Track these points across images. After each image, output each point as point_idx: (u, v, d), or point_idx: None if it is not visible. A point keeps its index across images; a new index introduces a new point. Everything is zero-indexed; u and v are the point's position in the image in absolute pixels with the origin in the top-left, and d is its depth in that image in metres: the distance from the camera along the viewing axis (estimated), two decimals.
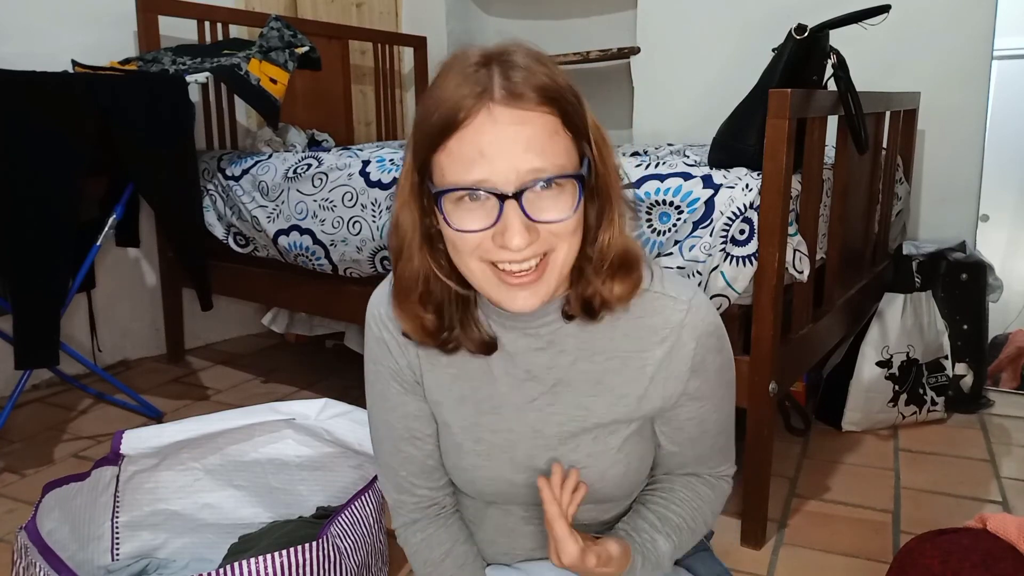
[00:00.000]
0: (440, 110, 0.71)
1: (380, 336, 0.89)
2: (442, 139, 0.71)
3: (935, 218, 2.58)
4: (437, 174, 0.73)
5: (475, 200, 0.72)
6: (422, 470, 0.92)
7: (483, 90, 0.70)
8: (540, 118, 0.71)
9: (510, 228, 0.71)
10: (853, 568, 1.51)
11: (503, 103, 0.70)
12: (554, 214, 0.72)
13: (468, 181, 0.71)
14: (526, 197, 0.71)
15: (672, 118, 2.83)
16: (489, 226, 0.72)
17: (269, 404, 1.48)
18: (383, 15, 3.45)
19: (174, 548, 1.48)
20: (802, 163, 1.58)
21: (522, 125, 0.70)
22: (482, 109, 0.70)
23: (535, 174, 0.71)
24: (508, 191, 0.70)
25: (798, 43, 1.57)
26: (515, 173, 0.70)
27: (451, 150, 0.71)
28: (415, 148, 0.75)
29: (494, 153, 0.70)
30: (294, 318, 2.76)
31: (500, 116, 0.70)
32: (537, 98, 0.71)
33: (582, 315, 0.82)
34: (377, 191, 1.95)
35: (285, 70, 2.33)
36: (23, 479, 1.88)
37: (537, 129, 0.71)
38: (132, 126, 2.02)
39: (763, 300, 1.48)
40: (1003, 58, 2.81)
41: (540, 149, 0.71)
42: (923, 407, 2.16)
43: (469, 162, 0.70)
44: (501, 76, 0.71)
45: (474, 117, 0.70)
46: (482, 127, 0.70)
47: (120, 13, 2.50)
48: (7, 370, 2.23)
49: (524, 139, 0.70)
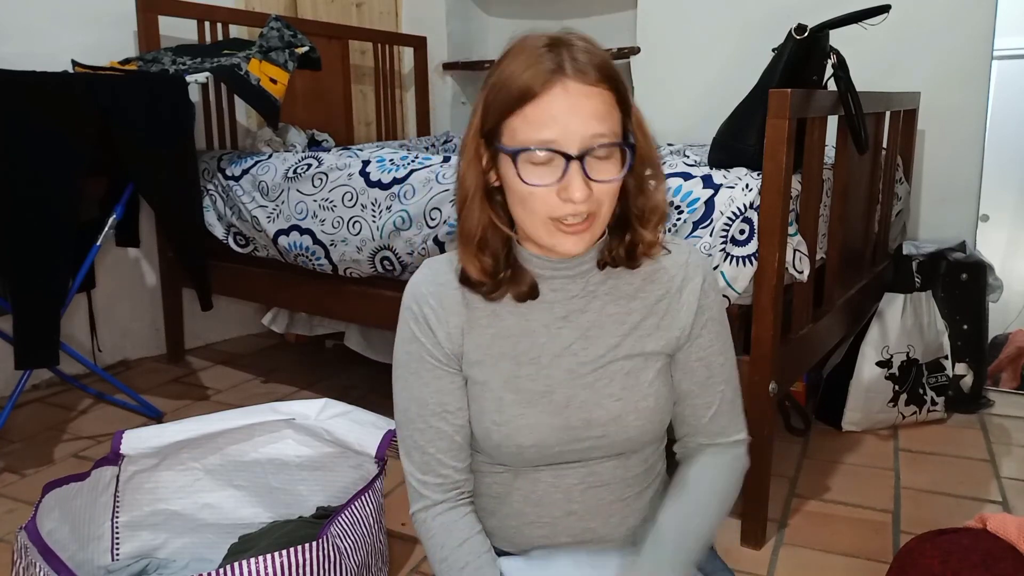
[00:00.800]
0: (518, 82, 0.85)
1: (420, 313, 0.97)
2: (519, 105, 0.85)
3: (935, 218, 2.58)
4: (508, 135, 0.87)
5: (543, 162, 0.85)
6: (451, 446, 0.97)
7: (557, 66, 0.84)
8: (602, 93, 0.86)
9: (572, 184, 0.85)
10: (853, 568, 1.51)
11: (574, 77, 0.84)
12: (606, 175, 0.87)
13: (539, 140, 0.84)
14: (587, 160, 0.85)
15: (672, 118, 2.83)
16: (555, 182, 0.85)
17: (269, 404, 1.48)
18: (383, 15, 3.45)
19: (174, 548, 1.48)
20: (802, 163, 1.58)
21: (588, 98, 0.85)
22: (557, 82, 0.84)
23: (596, 139, 0.85)
24: (573, 152, 0.84)
25: (798, 43, 1.57)
26: (580, 137, 0.84)
27: (527, 115, 0.85)
28: (485, 114, 0.90)
29: (565, 118, 0.84)
30: (294, 318, 2.76)
31: (571, 88, 0.84)
32: (600, 76, 0.85)
33: (626, 260, 0.97)
34: (377, 191, 1.95)
35: (285, 70, 2.33)
36: (23, 479, 1.88)
37: (599, 102, 0.85)
38: (132, 126, 2.02)
39: (763, 300, 1.48)
40: (1003, 58, 2.81)
41: (601, 118, 0.85)
42: (923, 407, 2.16)
43: (541, 125, 0.84)
44: (570, 55, 0.85)
45: (550, 88, 0.84)
46: (556, 96, 0.84)
47: (120, 13, 2.50)
48: (7, 370, 2.23)
49: (590, 108, 0.85)
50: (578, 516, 0.99)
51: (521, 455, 0.96)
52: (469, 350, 0.97)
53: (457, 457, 0.98)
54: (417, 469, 0.99)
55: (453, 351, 0.97)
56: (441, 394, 0.97)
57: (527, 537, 1.01)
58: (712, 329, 1.00)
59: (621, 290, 0.98)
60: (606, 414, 0.95)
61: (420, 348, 0.97)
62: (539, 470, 0.98)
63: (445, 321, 0.97)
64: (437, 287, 0.98)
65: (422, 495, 0.98)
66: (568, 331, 0.96)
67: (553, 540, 1.00)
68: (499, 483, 1.01)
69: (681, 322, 0.98)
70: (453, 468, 0.98)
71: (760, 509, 1.56)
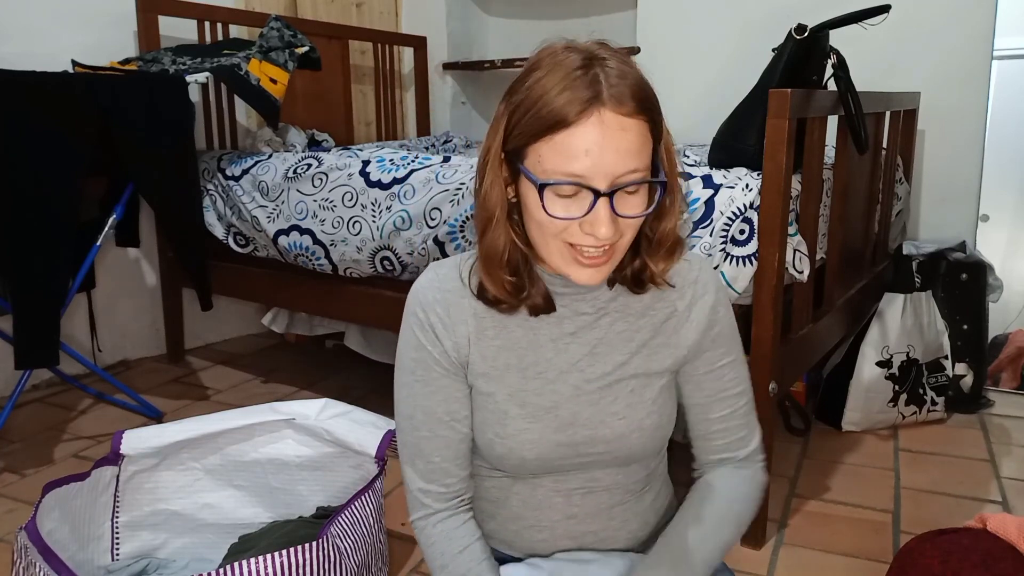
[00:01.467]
0: (551, 107, 0.79)
1: (427, 321, 0.95)
2: (551, 132, 0.80)
3: (935, 218, 2.58)
4: (533, 158, 0.82)
5: (569, 195, 0.81)
6: (456, 455, 0.96)
7: (594, 95, 0.79)
8: (638, 125, 0.81)
9: (599, 220, 0.81)
10: (853, 568, 1.51)
11: (611, 107, 0.79)
12: (633, 210, 0.83)
13: (568, 172, 0.80)
14: (616, 195, 0.81)
15: (672, 118, 2.78)
16: (580, 216, 0.82)
17: (269, 404, 1.48)
18: (383, 15, 3.45)
19: (174, 548, 1.48)
20: (802, 163, 1.58)
21: (623, 131, 0.80)
22: (593, 113, 0.78)
23: (628, 176, 0.81)
24: (602, 188, 0.80)
25: (798, 43, 1.57)
26: (612, 173, 0.80)
27: (557, 143, 0.80)
28: (510, 132, 0.84)
29: (598, 153, 0.79)
30: (294, 318, 2.76)
31: (608, 119, 0.79)
32: (637, 108, 0.80)
33: (631, 285, 0.94)
34: (377, 191, 1.94)
35: (285, 70, 2.33)
36: (23, 479, 1.88)
37: (634, 135, 0.80)
38: (132, 126, 2.02)
39: (763, 300, 1.48)
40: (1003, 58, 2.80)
41: (635, 153, 0.81)
42: (923, 407, 2.16)
43: (572, 157, 0.79)
44: (606, 80, 0.79)
45: (586, 119, 0.78)
46: (591, 127, 0.79)
47: (120, 13, 2.50)
48: (7, 370, 2.23)
49: (625, 144, 0.80)
50: (578, 520, 0.98)
51: (523, 466, 0.95)
52: (475, 360, 0.95)
53: (462, 465, 0.97)
54: (420, 477, 0.97)
55: (460, 360, 0.95)
56: (449, 402, 0.95)
57: (527, 540, 1.00)
58: (722, 344, 0.98)
59: (631, 307, 0.96)
60: (610, 432, 0.94)
61: (427, 356, 0.95)
62: (539, 476, 0.97)
63: (452, 330, 0.94)
64: (444, 294, 0.95)
65: (423, 503, 0.97)
66: (576, 347, 0.95)
67: (553, 543, 0.99)
68: (498, 487, 1.00)
69: (689, 340, 0.97)
70: (457, 477, 0.96)
71: (760, 509, 1.55)
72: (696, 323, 0.97)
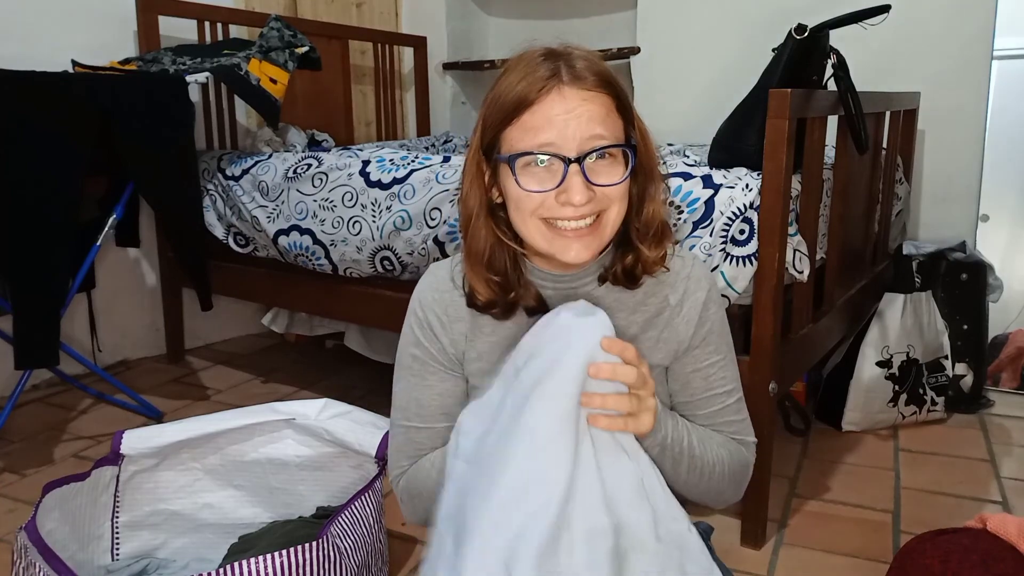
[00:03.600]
0: (514, 91, 0.85)
1: (425, 319, 0.99)
2: (516, 114, 0.85)
3: (935, 218, 2.58)
4: (506, 145, 0.87)
5: (542, 165, 0.85)
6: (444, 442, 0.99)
7: (552, 74, 0.84)
8: (599, 97, 0.85)
9: (572, 187, 0.84)
10: (853, 568, 1.51)
11: (570, 84, 0.84)
12: (608, 179, 0.86)
13: (536, 143, 0.84)
14: (586, 163, 0.84)
15: (672, 118, 2.83)
16: (554, 187, 0.85)
17: (269, 404, 1.48)
18: (383, 15, 3.45)
19: (174, 548, 1.48)
20: (802, 163, 1.58)
21: (584, 102, 0.84)
22: (553, 88, 0.84)
23: (595, 141, 0.84)
24: (571, 155, 0.84)
25: (798, 43, 1.56)
26: (578, 140, 0.84)
27: (524, 122, 0.85)
28: (484, 128, 0.90)
29: (562, 122, 0.84)
30: (294, 318, 2.76)
31: (567, 93, 0.84)
32: (597, 81, 0.85)
33: (624, 281, 0.95)
34: (377, 191, 1.94)
35: (285, 70, 2.33)
36: (23, 479, 1.88)
37: (597, 106, 0.85)
38: (132, 126, 2.02)
39: (763, 300, 1.48)
40: (1003, 58, 2.80)
41: (599, 121, 0.85)
42: (923, 407, 2.16)
43: (538, 130, 0.84)
44: (566, 64, 0.85)
45: (546, 95, 0.84)
46: (552, 102, 0.84)
47: (120, 13, 2.50)
48: (7, 370, 2.23)
49: (587, 112, 0.84)
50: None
51: None
52: (471, 356, 0.99)
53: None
54: (405, 458, 1.01)
55: (456, 356, 0.99)
56: (443, 397, 1.00)
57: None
58: (711, 342, 0.99)
59: (624, 303, 0.98)
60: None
61: (424, 353, 1.00)
62: None
63: (450, 328, 0.98)
64: (441, 295, 0.99)
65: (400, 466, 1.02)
66: None
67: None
68: None
69: (680, 335, 0.98)
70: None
71: (760, 509, 1.56)
72: (687, 318, 0.98)
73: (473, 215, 0.93)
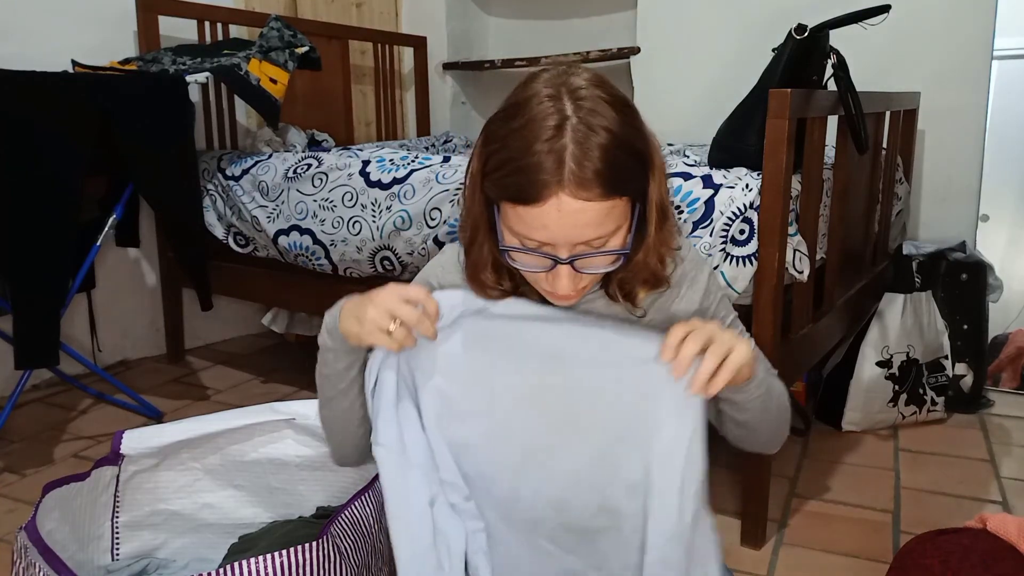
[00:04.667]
0: (515, 180, 0.81)
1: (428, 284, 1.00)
2: (513, 203, 0.82)
3: (935, 218, 2.58)
4: (503, 212, 0.86)
5: (534, 249, 0.85)
6: None
7: (555, 169, 0.79)
8: (599, 205, 0.81)
9: (560, 278, 0.85)
10: (853, 568, 1.51)
11: (571, 194, 0.79)
12: (598, 267, 0.87)
13: (531, 242, 0.84)
14: (577, 261, 0.84)
15: (672, 118, 2.83)
16: (544, 270, 0.86)
17: (269, 404, 1.48)
18: (383, 15, 3.45)
19: (174, 548, 1.47)
20: (802, 163, 1.58)
21: (582, 213, 0.80)
22: (551, 197, 0.79)
23: (586, 247, 0.84)
24: (563, 256, 0.84)
25: (798, 43, 1.57)
26: (570, 244, 0.83)
27: (520, 214, 0.82)
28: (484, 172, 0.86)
29: (555, 230, 0.81)
30: (294, 318, 2.76)
31: (566, 206, 0.80)
32: (602, 192, 0.80)
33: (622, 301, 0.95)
34: (377, 191, 1.95)
35: (285, 70, 2.33)
36: (23, 479, 1.88)
37: (595, 213, 0.81)
38: (132, 126, 2.02)
39: (763, 300, 1.48)
40: (1003, 58, 2.81)
41: (596, 225, 0.82)
42: (923, 407, 2.16)
43: (533, 230, 0.82)
44: (574, 160, 0.79)
45: (544, 202, 0.80)
46: (549, 212, 0.80)
47: (120, 13, 2.50)
48: (7, 370, 2.23)
49: (583, 222, 0.81)
50: None
51: None
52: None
53: None
54: None
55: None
56: None
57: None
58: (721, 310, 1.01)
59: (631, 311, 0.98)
60: None
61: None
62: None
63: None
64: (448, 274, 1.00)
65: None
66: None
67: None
68: None
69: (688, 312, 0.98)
70: None
71: (760, 509, 1.56)
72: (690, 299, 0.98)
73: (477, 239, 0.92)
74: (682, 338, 0.82)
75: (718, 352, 0.81)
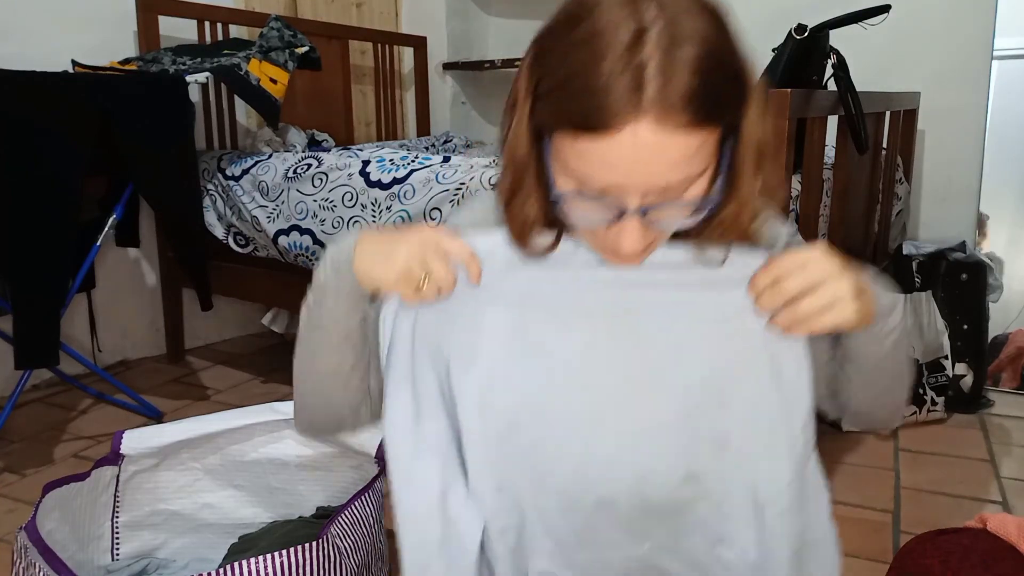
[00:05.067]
0: (579, 103, 0.62)
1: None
2: (574, 130, 0.63)
3: (935, 218, 2.58)
4: (556, 144, 0.66)
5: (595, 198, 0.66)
6: None
7: (633, 92, 0.60)
8: (687, 139, 0.62)
9: (625, 233, 0.67)
10: (853, 568, 1.51)
11: (652, 122, 0.61)
12: (675, 217, 0.68)
13: (593, 185, 0.65)
14: (649, 213, 0.66)
15: None
16: (605, 222, 0.68)
17: (269, 404, 1.48)
18: (383, 15, 3.45)
19: (174, 548, 1.48)
20: (802, 163, 1.58)
21: (664, 148, 0.62)
22: (626, 126, 0.61)
23: (663, 195, 0.65)
24: (631, 205, 0.65)
25: (798, 43, 1.57)
26: (643, 191, 0.64)
27: (581, 150, 0.64)
28: (537, 98, 0.67)
29: (627, 170, 0.63)
30: (294, 318, 2.76)
31: (644, 137, 0.61)
32: (693, 120, 0.61)
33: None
34: (377, 191, 1.95)
35: (285, 70, 2.33)
36: (23, 479, 1.88)
37: (680, 149, 0.63)
38: (132, 126, 2.02)
39: None
40: (1003, 58, 2.80)
41: (680, 164, 0.63)
42: (923, 407, 2.16)
43: (598, 169, 0.64)
44: (658, 80, 0.60)
45: (616, 131, 0.61)
46: (622, 145, 0.62)
47: (120, 13, 2.50)
48: (7, 370, 2.23)
49: (663, 160, 0.63)
50: None
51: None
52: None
53: None
54: None
55: None
56: None
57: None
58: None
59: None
60: None
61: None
62: None
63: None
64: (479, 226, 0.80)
65: None
66: None
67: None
68: None
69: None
70: None
71: None
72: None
73: (522, 186, 0.73)
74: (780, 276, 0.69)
75: (823, 299, 0.69)
